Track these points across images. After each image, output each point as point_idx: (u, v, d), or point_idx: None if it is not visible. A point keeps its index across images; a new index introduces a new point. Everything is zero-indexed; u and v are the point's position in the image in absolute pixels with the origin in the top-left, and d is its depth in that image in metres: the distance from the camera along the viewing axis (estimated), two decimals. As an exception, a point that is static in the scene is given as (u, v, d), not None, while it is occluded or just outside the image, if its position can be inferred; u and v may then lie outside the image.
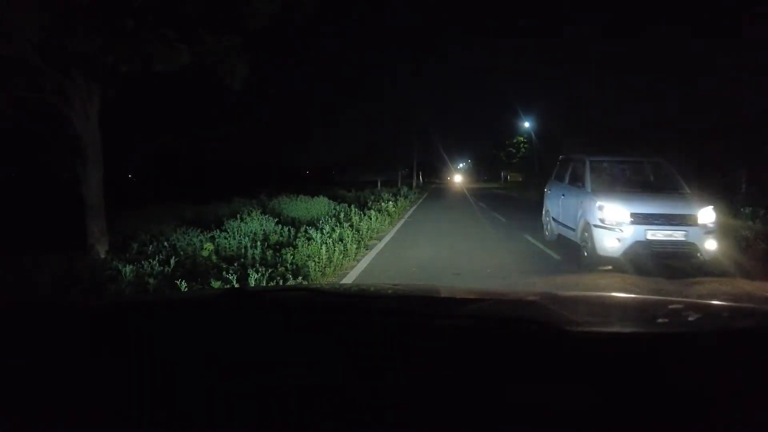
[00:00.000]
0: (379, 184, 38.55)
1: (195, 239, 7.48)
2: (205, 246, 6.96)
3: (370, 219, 11.21)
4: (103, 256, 6.58)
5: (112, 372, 0.82)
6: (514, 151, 53.10)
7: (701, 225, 6.59)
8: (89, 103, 6.76)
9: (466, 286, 6.01)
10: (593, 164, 7.97)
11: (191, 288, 4.76)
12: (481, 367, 0.81)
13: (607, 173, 8.10)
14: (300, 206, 13.65)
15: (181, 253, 6.65)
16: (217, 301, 1.30)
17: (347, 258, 7.52)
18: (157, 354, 0.89)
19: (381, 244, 9.55)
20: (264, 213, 10.73)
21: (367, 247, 8.97)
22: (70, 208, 8.31)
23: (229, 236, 7.78)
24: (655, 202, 6.96)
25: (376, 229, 11.26)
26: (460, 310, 1.23)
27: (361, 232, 9.61)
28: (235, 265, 5.96)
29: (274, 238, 8.28)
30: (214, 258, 6.60)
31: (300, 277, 5.83)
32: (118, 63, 6.21)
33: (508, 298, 1.50)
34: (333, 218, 10.50)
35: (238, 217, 9.61)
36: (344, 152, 61.36)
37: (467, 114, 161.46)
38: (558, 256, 8.03)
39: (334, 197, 17.59)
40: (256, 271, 5.25)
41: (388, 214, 13.97)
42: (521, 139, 50.11)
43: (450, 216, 16.80)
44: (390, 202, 15.90)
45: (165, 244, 7.22)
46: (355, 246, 8.07)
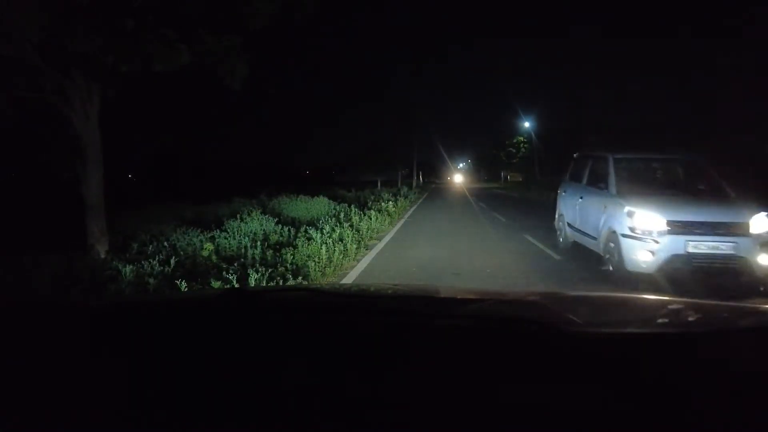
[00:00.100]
0: (379, 184, 38.62)
1: (195, 239, 7.49)
2: (205, 246, 6.96)
3: (370, 219, 11.22)
4: (103, 256, 6.59)
5: (112, 372, 0.82)
6: (514, 151, 53.20)
7: (754, 235, 5.51)
8: (89, 103, 6.77)
9: (466, 286, 6.02)
10: (618, 162, 6.89)
11: (191, 288, 4.76)
12: (481, 368, 0.81)
13: (635, 173, 7.01)
14: (300, 206, 13.65)
15: (181, 253, 6.66)
16: (217, 301, 1.30)
17: (347, 258, 7.52)
18: (157, 354, 0.89)
19: (381, 244, 9.55)
20: (264, 213, 10.74)
21: (367, 247, 8.98)
22: (70, 208, 8.31)
23: (229, 236, 7.79)
24: (696, 208, 5.89)
25: (376, 229, 11.26)
26: (460, 310, 1.23)
27: (361, 232, 9.62)
28: (235, 265, 5.97)
29: (274, 238, 8.29)
30: (214, 258, 6.60)
31: (300, 277, 5.84)
32: (118, 63, 6.23)
33: (508, 298, 1.50)
34: (333, 218, 10.51)
35: (238, 217, 9.62)
36: (344, 152, 61.72)
37: (467, 114, 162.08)
38: (558, 257, 8.03)
39: (334, 197, 17.61)
40: (256, 271, 5.25)
41: (388, 214, 13.98)
42: (521, 139, 50.21)
43: (450, 216, 16.82)
44: (390, 202, 15.92)
45: (165, 244, 7.23)
46: (355, 246, 8.07)
